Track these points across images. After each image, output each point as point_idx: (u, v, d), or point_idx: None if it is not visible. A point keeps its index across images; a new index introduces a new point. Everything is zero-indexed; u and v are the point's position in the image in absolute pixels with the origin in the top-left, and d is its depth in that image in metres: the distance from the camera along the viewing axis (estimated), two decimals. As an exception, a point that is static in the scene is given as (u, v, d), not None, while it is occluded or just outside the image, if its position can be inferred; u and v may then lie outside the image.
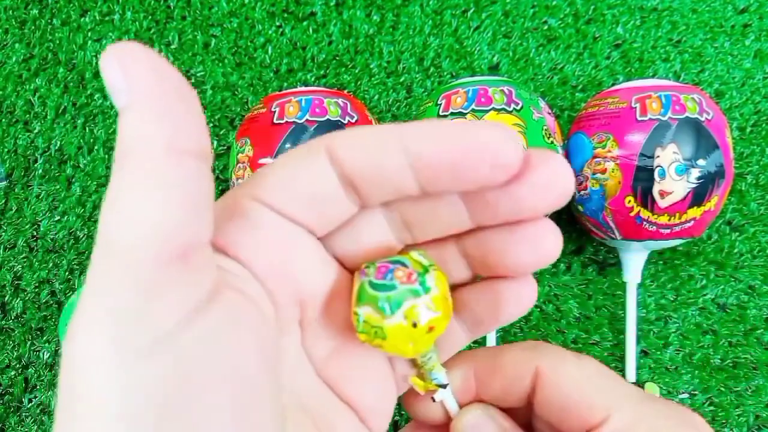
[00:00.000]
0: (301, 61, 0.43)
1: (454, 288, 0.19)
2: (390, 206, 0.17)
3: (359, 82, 0.42)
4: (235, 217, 0.16)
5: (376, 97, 0.42)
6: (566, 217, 0.39)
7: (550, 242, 0.16)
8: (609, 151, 0.33)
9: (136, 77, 0.12)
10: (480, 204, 0.16)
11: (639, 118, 0.32)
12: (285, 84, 0.42)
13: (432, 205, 0.17)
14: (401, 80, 0.42)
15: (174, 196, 0.12)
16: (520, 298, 0.18)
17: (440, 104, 0.33)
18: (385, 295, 0.16)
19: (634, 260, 0.36)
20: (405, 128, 0.15)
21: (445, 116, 0.33)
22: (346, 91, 0.40)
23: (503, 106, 0.32)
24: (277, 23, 0.43)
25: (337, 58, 0.43)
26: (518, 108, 0.32)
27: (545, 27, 0.43)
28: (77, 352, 0.12)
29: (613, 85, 0.37)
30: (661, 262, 0.39)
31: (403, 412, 0.38)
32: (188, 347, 0.12)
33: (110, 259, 0.12)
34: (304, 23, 0.43)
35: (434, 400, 0.20)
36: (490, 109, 0.32)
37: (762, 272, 0.39)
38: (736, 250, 0.39)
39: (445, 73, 0.42)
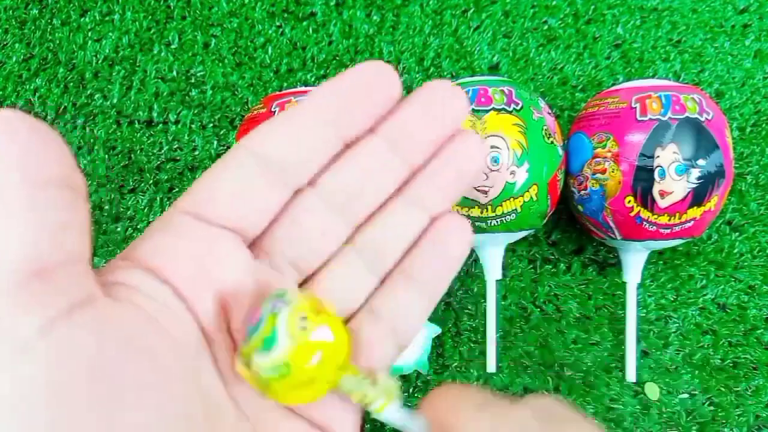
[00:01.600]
0: (301, 61, 0.43)
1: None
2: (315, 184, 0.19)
3: (359, 82, 0.42)
4: (157, 230, 0.17)
5: (376, 97, 0.42)
6: (566, 217, 0.39)
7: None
8: (609, 151, 0.33)
9: None
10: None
11: (639, 118, 0.32)
12: (285, 84, 0.42)
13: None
14: (401, 80, 0.42)
15: (28, 222, 0.13)
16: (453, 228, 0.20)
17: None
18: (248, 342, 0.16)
19: (634, 260, 0.36)
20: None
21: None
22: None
23: (503, 106, 0.32)
24: (277, 23, 0.43)
25: (337, 58, 0.43)
26: (518, 108, 0.32)
27: (545, 27, 0.43)
28: None
29: (613, 85, 0.37)
30: (661, 262, 0.39)
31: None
32: (49, 354, 0.13)
33: None
34: (304, 23, 0.43)
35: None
36: (490, 109, 0.32)
37: (762, 272, 0.39)
38: (736, 250, 0.39)
39: (445, 73, 0.42)
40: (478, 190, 0.32)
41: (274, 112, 0.33)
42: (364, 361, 0.18)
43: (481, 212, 0.33)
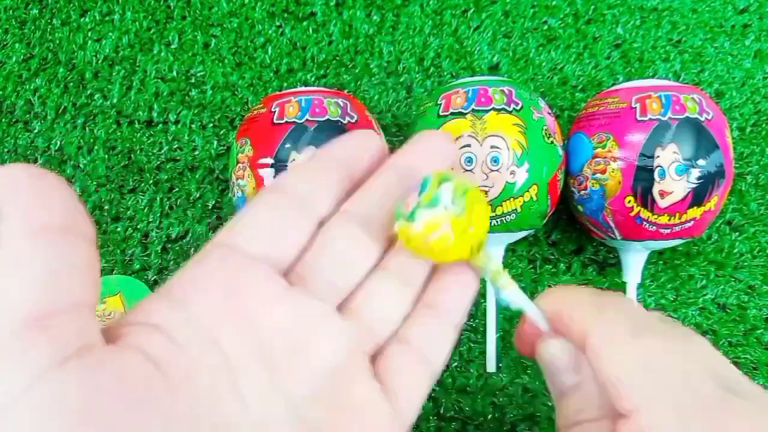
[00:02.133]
0: (301, 61, 0.43)
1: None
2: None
3: (359, 82, 0.42)
4: (193, 262, 0.18)
5: (376, 97, 0.42)
6: (566, 217, 0.39)
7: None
8: (609, 151, 0.33)
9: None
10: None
11: (639, 118, 0.32)
12: (285, 84, 0.42)
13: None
14: (401, 80, 0.42)
15: (26, 270, 0.13)
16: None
17: (440, 104, 0.33)
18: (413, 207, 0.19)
19: (634, 260, 0.36)
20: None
21: (445, 116, 0.33)
22: (346, 91, 0.40)
23: (503, 106, 0.32)
24: (277, 23, 0.43)
25: (337, 58, 0.43)
26: (518, 108, 0.32)
27: (545, 27, 0.43)
28: None
29: (613, 85, 0.37)
30: (661, 262, 0.39)
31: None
32: (33, 409, 0.13)
33: None
34: (304, 23, 0.43)
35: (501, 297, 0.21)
36: (490, 109, 0.32)
37: (762, 272, 0.39)
38: (736, 250, 0.39)
39: (445, 73, 0.42)
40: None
41: (274, 112, 0.33)
42: (397, 389, 0.20)
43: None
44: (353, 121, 0.33)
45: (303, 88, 0.34)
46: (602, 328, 0.19)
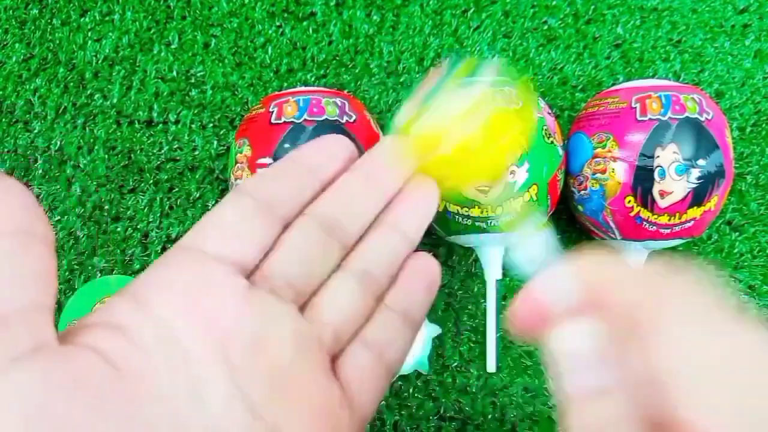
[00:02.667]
0: (301, 61, 0.43)
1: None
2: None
3: (359, 82, 0.42)
4: (156, 264, 0.18)
5: (376, 97, 0.42)
6: (566, 217, 0.39)
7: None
8: (609, 151, 0.33)
9: None
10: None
11: (639, 118, 0.32)
12: (285, 84, 0.42)
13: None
14: (401, 80, 0.42)
15: None
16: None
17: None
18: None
19: (634, 260, 0.36)
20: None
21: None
22: (346, 91, 0.40)
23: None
24: (277, 23, 0.43)
25: (337, 58, 0.43)
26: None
27: (545, 27, 0.43)
28: None
29: (613, 85, 0.37)
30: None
31: (403, 412, 0.38)
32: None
33: None
34: (304, 23, 0.43)
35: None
36: (490, 109, 0.32)
37: (762, 272, 0.39)
38: (736, 250, 0.39)
39: (445, 73, 0.42)
40: (478, 190, 0.32)
41: (272, 112, 0.33)
42: (356, 389, 0.20)
43: (481, 212, 0.33)
44: (351, 120, 0.33)
45: (302, 88, 0.34)
46: (668, 312, 0.14)
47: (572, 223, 0.39)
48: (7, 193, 0.15)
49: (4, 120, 0.42)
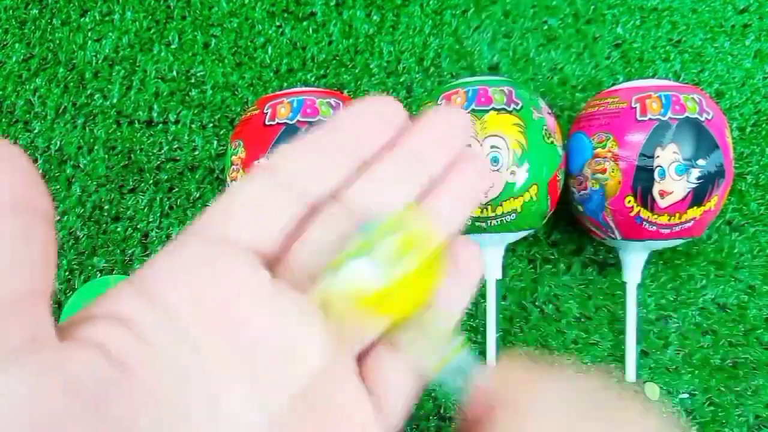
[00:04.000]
0: (301, 61, 0.43)
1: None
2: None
3: (359, 82, 0.42)
4: (163, 253, 0.16)
5: (376, 97, 0.42)
6: (566, 217, 0.39)
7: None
8: (609, 151, 0.33)
9: None
10: None
11: (639, 118, 0.32)
12: (285, 84, 0.42)
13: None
14: (401, 80, 0.42)
15: None
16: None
17: (440, 104, 0.33)
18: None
19: (634, 260, 0.36)
20: None
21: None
22: (346, 91, 0.40)
23: (503, 106, 0.32)
24: (277, 23, 0.43)
25: (337, 58, 0.43)
26: (518, 108, 0.32)
27: (545, 27, 0.43)
28: None
29: (613, 85, 0.37)
30: (661, 262, 0.39)
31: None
32: None
33: None
34: (304, 23, 0.43)
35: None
36: (490, 109, 0.32)
37: (762, 272, 0.39)
38: (736, 250, 0.39)
39: (445, 73, 0.42)
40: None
41: (266, 113, 0.33)
42: (382, 390, 0.18)
43: (481, 212, 0.33)
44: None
45: (297, 89, 0.34)
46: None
47: (572, 223, 0.39)
48: (6, 162, 0.13)
49: (4, 120, 0.42)
